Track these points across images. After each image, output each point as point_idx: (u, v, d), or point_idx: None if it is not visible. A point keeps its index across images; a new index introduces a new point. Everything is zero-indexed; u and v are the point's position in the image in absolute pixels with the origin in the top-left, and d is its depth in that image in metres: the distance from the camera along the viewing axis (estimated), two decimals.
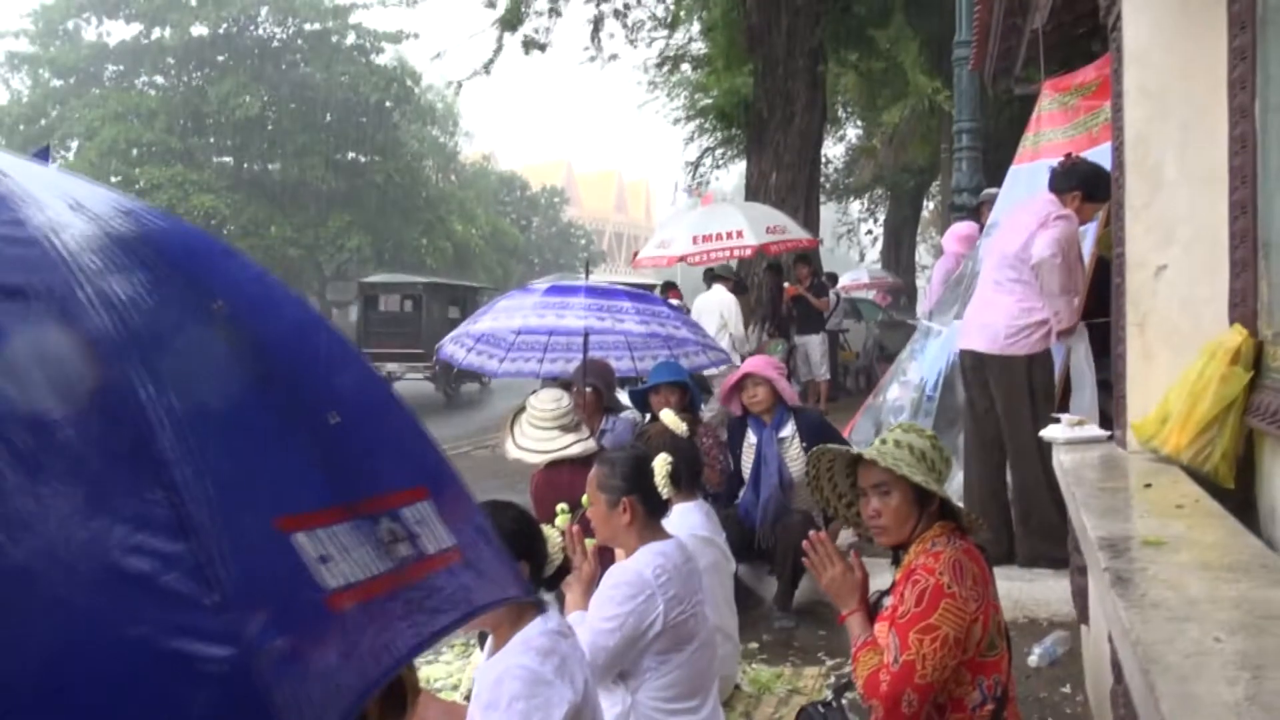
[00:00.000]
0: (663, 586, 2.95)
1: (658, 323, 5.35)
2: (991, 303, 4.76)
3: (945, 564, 2.41)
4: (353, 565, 0.86)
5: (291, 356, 0.95)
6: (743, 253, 12.03)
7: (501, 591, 1.10)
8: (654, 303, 5.57)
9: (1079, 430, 3.62)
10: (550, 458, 4.28)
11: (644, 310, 5.33)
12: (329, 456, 0.90)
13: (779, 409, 4.95)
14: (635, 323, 5.23)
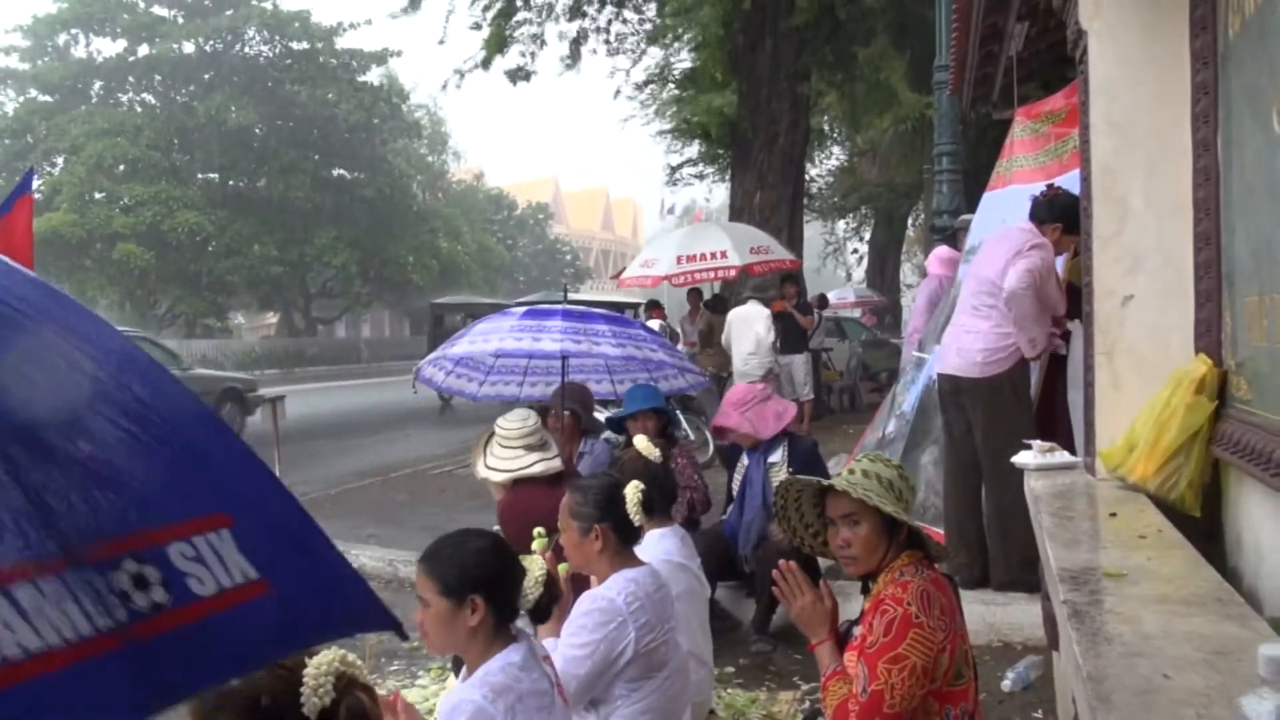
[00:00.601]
0: (634, 614, 2.97)
1: (634, 345, 5.35)
2: (968, 328, 4.80)
3: (913, 594, 2.43)
4: (46, 628, 0.76)
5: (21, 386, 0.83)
6: (727, 273, 12.08)
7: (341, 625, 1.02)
8: (630, 325, 5.58)
9: (1050, 456, 3.65)
10: (513, 476, 4.31)
11: (620, 334, 5.32)
12: (51, 497, 0.80)
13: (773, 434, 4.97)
14: (611, 346, 5.22)
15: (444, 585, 2.33)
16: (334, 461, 12.19)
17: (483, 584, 2.32)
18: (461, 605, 2.31)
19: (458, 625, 2.32)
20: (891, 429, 6.69)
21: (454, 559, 2.35)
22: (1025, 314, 4.49)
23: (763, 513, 4.88)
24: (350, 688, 1.56)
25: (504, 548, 2.40)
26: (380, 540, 7.14)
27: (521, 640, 2.39)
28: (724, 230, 12.79)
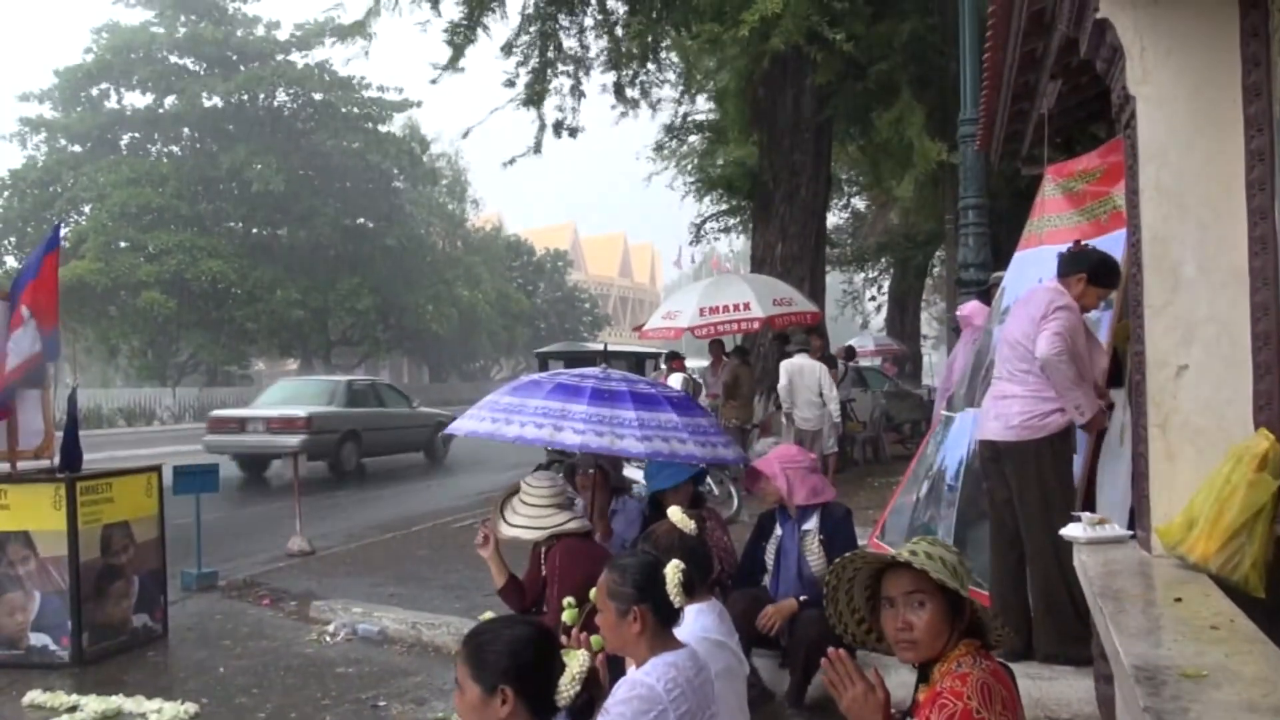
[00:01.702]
0: (675, 701, 2.85)
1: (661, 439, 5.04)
2: (1006, 393, 4.71)
3: (973, 687, 2.32)
4: None
5: None
6: (750, 325, 12.03)
7: None
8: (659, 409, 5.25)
9: (1100, 530, 3.53)
10: (549, 533, 4.32)
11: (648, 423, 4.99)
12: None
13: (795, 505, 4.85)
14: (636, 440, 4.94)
15: (476, 672, 2.25)
16: (354, 513, 12.11)
17: (514, 675, 2.23)
18: (492, 695, 2.22)
19: (487, 715, 2.23)
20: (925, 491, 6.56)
21: (489, 646, 2.27)
22: (1063, 380, 4.40)
23: (797, 583, 4.76)
24: None
25: (545, 640, 2.31)
26: (402, 600, 7.03)
27: None
28: (746, 282, 12.76)
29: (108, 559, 6.12)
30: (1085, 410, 4.45)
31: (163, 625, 6.52)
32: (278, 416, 15.45)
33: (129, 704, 5.08)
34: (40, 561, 5.90)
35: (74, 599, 5.85)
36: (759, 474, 4.98)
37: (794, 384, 11.16)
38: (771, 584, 4.86)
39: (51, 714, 5.01)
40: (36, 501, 5.93)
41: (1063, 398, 4.45)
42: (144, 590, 6.38)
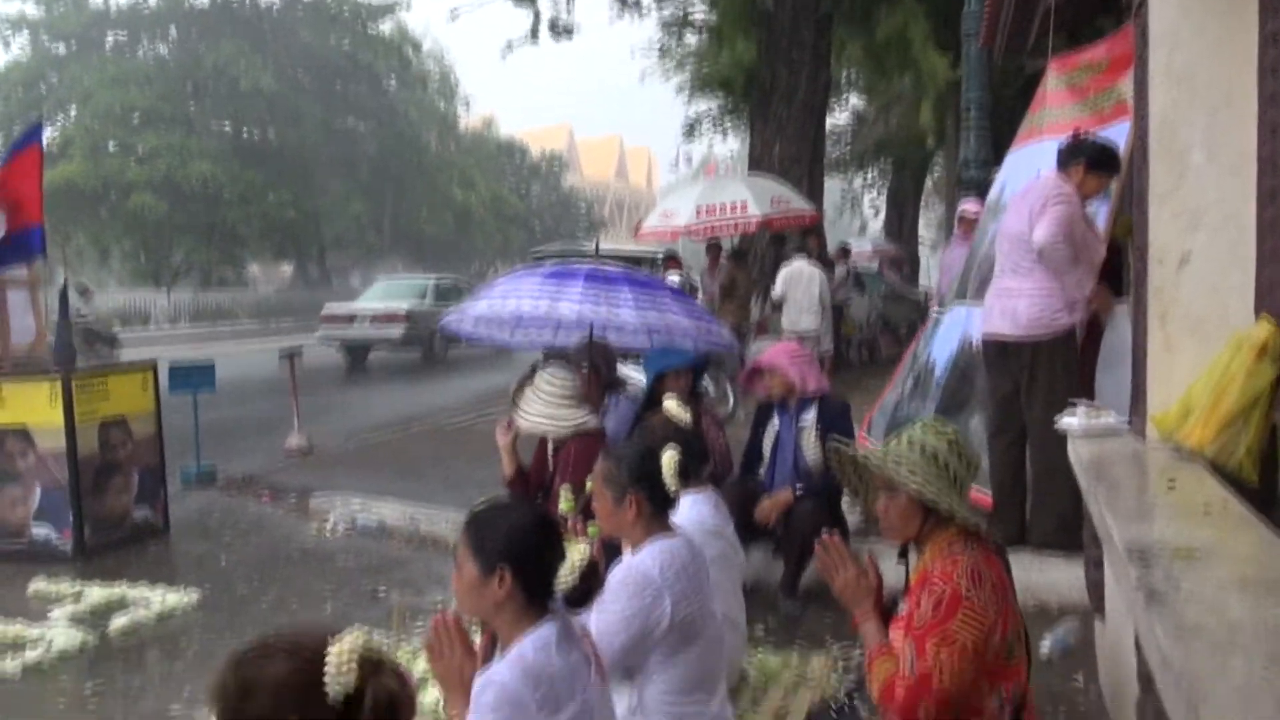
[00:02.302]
0: (670, 584, 2.88)
1: (655, 312, 5.17)
2: (1010, 289, 4.69)
3: (963, 571, 2.34)
4: None
5: None
6: (747, 225, 11.92)
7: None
8: (656, 290, 5.39)
9: (1096, 420, 3.53)
10: (572, 429, 4.33)
11: (641, 299, 5.13)
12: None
13: (802, 396, 4.86)
14: (631, 312, 5.06)
15: (476, 551, 2.26)
16: (352, 414, 12.16)
17: (513, 557, 2.24)
18: (490, 575, 2.24)
19: (485, 594, 2.25)
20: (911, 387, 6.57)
21: (491, 527, 2.28)
22: (1062, 262, 4.40)
23: (793, 474, 4.80)
24: (376, 672, 1.48)
25: (547, 527, 2.31)
26: (400, 495, 7.09)
27: (557, 617, 2.30)
28: (744, 182, 12.61)
29: (106, 454, 6.15)
30: (1085, 284, 4.45)
31: (163, 519, 6.58)
32: (382, 311, 17.61)
33: (132, 592, 5.16)
34: (39, 456, 5.93)
35: (74, 492, 5.89)
36: (759, 373, 4.97)
37: (789, 293, 11.10)
38: (767, 475, 4.89)
39: (56, 602, 5.09)
40: (33, 397, 5.93)
41: (1063, 279, 4.44)
42: (143, 485, 6.42)
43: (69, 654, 4.40)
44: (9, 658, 4.29)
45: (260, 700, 1.44)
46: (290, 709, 1.43)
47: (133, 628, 4.72)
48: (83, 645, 4.49)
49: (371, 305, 18.33)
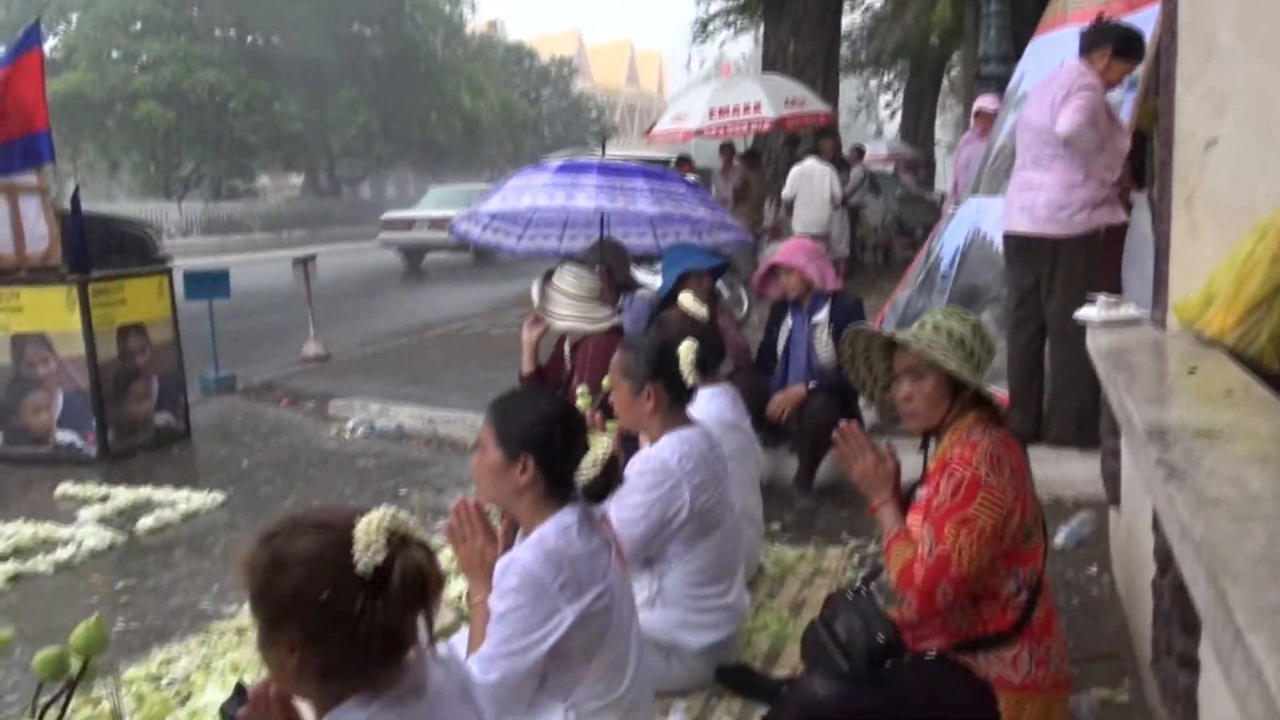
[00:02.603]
0: (689, 474, 2.91)
1: (672, 202, 5.19)
2: (1031, 183, 4.61)
3: (982, 455, 2.34)
4: None
5: None
6: (760, 126, 11.74)
7: None
8: (670, 180, 5.39)
9: (1116, 311, 3.50)
10: (602, 326, 4.39)
11: (658, 190, 5.17)
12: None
13: (815, 294, 4.84)
14: (648, 203, 5.09)
15: (501, 436, 2.27)
16: (367, 321, 12.20)
17: (537, 446, 2.25)
18: (513, 461, 2.25)
19: (506, 480, 2.27)
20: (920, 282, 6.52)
21: (518, 414, 2.28)
22: (1089, 147, 4.31)
23: (806, 373, 4.80)
24: (404, 546, 1.50)
25: (573, 421, 2.31)
26: (418, 398, 7.14)
27: (577, 503, 2.32)
28: (758, 82, 12.38)
29: (125, 360, 6.20)
30: (1115, 168, 4.38)
31: (184, 424, 6.66)
32: (438, 217, 17.62)
33: (157, 494, 5.24)
34: (59, 362, 5.98)
35: (95, 397, 5.95)
36: (774, 273, 4.93)
37: (799, 192, 10.96)
38: (780, 374, 4.89)
39: (83, 504, 5.18)
40: (50, 303, 5.96)
41: (1087, 168, 4.37)
42: (164, 390, 6.48)
43: (98, 552, 4.50)
44: (41, 556, 4.39)
45: (291, 574, 1.46)
46: (320, 582, 1.45)
47: (159, 527, 4.82)
48: (111, 544, 4.58)
49: (428, 212, 19.19)
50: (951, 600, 2.34)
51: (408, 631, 1.52)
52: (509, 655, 2.15)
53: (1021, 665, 2.40)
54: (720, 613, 2.99)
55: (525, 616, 2.15)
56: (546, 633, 2.16)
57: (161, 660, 3.38)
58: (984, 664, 2.41)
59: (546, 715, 2.24)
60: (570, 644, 2.19)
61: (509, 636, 2.16)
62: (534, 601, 2.15)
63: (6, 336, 6.01)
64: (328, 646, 1.46)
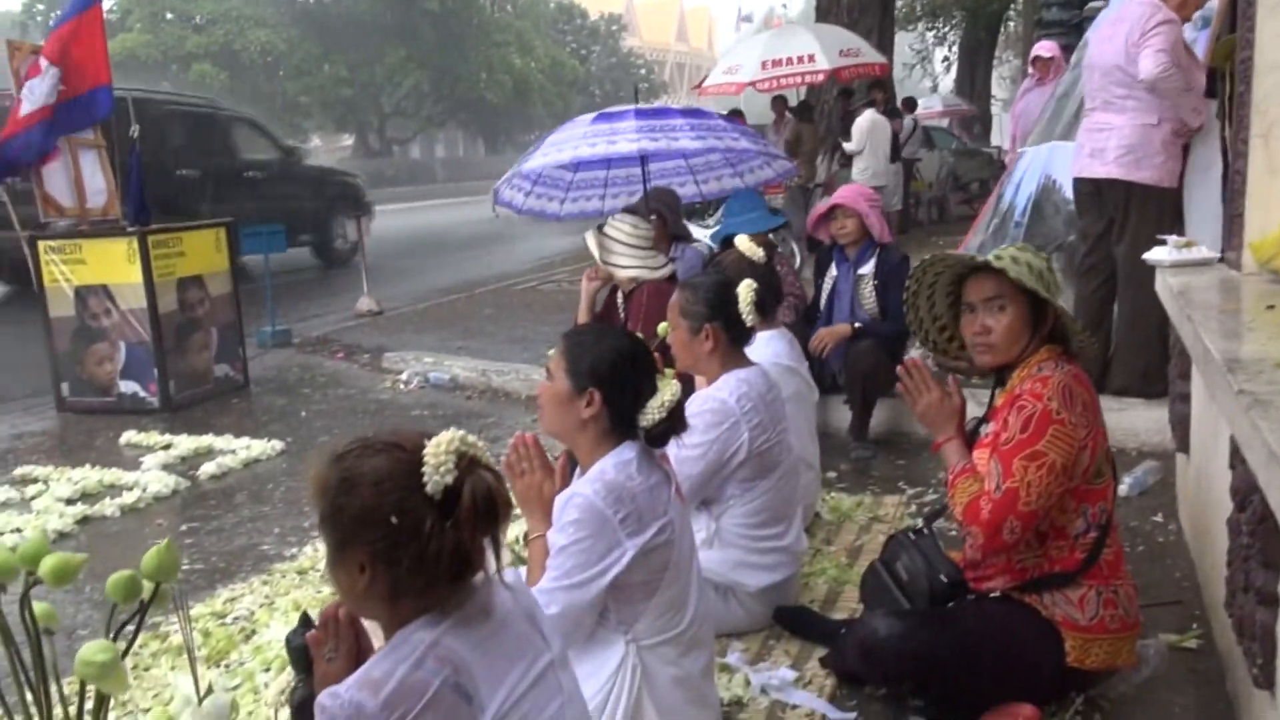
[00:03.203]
0: (747, 414, 2.88)
1: (714, 137, 5.10)
2: (1102, 124, 4.49)
3: (1054, 389, 2.29)
4: None
5: None
6: (814, 78, 11.56)
7: None
8: (707, 117, 5.31)
9: (1187, 252, 3.40)
10: (661, 274, 4.39)
11: (698, 125, 5.08)
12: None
13: (865, 244, 4.76)
14: (690, 139, 5.01)
15: (571, 367, 2.26)
16: (419, 278, 12.26)
17: (605, 381, 2.23)
18: (580, 393, 2.24)
19: (571, 411, 2.25)
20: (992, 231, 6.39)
21: (590, 347, 2.26)
22: (1174, 91, 4.17)
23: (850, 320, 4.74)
24: (473, 467, 1.49)
25: (645, 360, 2.28)
26: (470, 352, 7.17)
27: (637, 440, 2.31)
28: (811, 32, 12.16)
29: (185, 312, 6.29)
30: (1201, 111, 4.25)
31: (243, 376, 6.75)
32: None
33: (219, 442, 5.33)
34: (121, 313, 6.07)
35: (157, 348, 6.05)
36: (830, 215, 4.85)
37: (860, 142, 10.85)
38: (823, 323, 4.83)
39: (147, 451, 5.28)
40: (111, 255, 6.04)
41: (1176, 107, 4.24)
42: (223, 342, 6.57)
43: (163, 497, 4.59)
44: (107, 500, 4.48)
45: (361, 492, 1.46)
46: (390, 501, 1.45)
47: (221, 474, 4.89)
48: (175, 489, 4.66)
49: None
50: (1019, 536, 2.30)
51: (476, 554, 1.52)
52: (569, 588, 2.15)
53: (1089, 606, 2.36)
54: (778, 554, 2.97)
55: (586, 549, 2.15)
56: (607, 566, 2.15)
57: (226, 599, 3.45)
58: (1050, 604, 2.38)
59: (607, 648, 2.24)
60: (631, 578, 2.19)
61: (569, 570, 2.15)
62: (595, 534, 2.14)
63: (70, 288, 6.11)
64: (397, 566, 1.46)
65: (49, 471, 4.94)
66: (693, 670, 2.34)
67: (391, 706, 1.39)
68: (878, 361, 4.51)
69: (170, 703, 2.61)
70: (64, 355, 6.21)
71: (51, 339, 6.20)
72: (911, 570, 2.58)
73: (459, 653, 1.47)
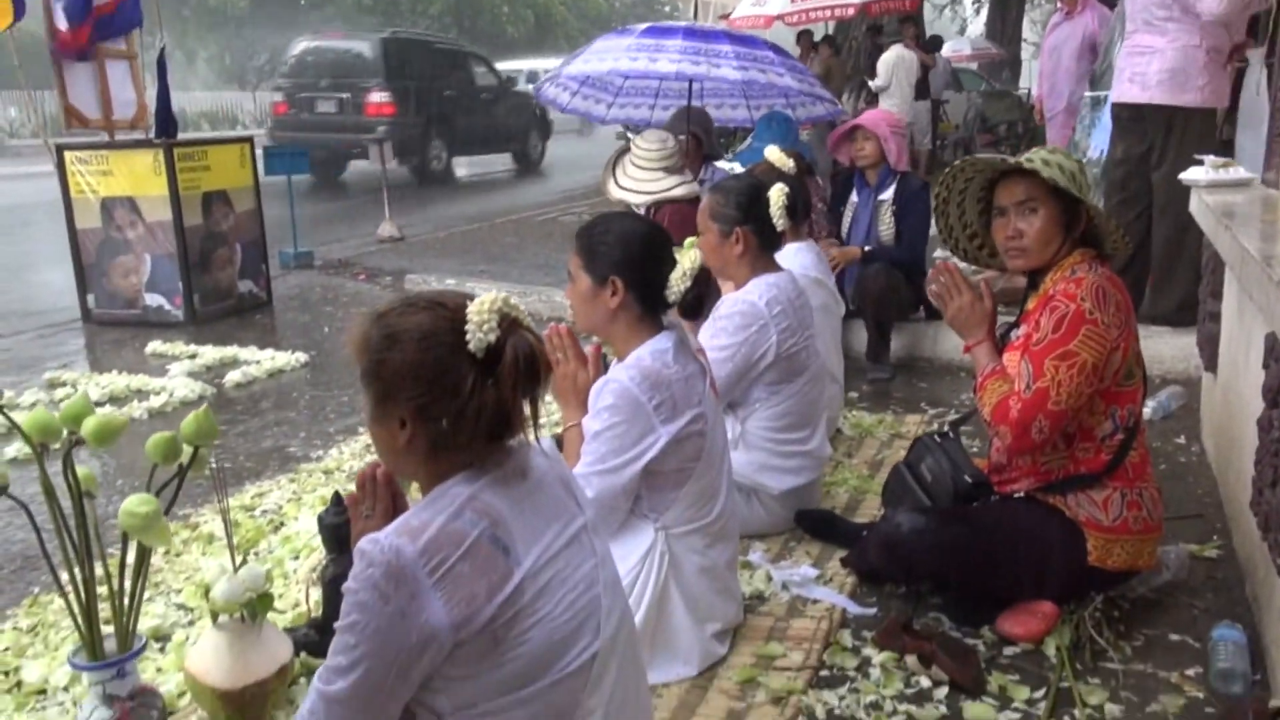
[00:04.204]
0: (776, 318, 2.89)
1: (758, 69, 5.06)
2: (1143, 47, 4.42)
3: (1087, 290, 2.28)
4: None
5: None
6: (844, 12, 11.39)
7: None
8: (757, 47, 5.25)
9: (1224, 172, 3.37)
10: (655, 199, 4.24)
11: (744, 55, 5.04)
12: None
13: (884, 170, 4.73)
14: (733, 68, 4.96)
15: (588, 261, 2.27)
16: (439, 207, 12.23)
17: (625, 266, 2.24)
18: (602, 285, 2.25)
19: (599, 304, 2.27)
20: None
21: (602, 237, 2.27)
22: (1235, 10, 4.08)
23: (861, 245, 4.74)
24: (514, 327, 1.50)
25: (656, 236, 2.29)
26: (493, 275, 7.18)
27: (672, 330, 2.32)
28: None
29: (210, 226, 6.30)
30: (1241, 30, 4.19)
31: (266, 293, 6.79)
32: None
33: (244, 353, 5.37)
34: (147, 226, 6.09)
35: (182, 261, 6.08)
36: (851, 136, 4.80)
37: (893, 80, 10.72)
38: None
39: (173, 359, 5.33)
40: (137, 167, 6.05)
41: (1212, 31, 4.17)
42: (246, 258, 6.59)
43: (189, 401, 4.63)
44: (135, 403, 4.53)
45: (404, 348, 1.47)
46: (433, 357, 1.46)
47: (246, 382, 4.94)
48: (201, 395, 4.71)
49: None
50: (1047, 436, 2.30)
51: (515, 414, 1.53)
52: (604, 473, 2.17)
53: (1112, 507, 2.37)
54: (802, 458, 2.99)
55: (621, 435, 2.17)
56: (641, 451, 2.17)
57: (254, 494, 3.50)
58: (1074, 505, 2.40)
59: (637, 535, 2.28)
60: (664, 465, 2.21)
61: (604, 455, 2.18)
62: (630, 420, 2.16)
63: (96, 199, 6.13)
64: (437, 422, 1.47)
65: (77, 376, 5.00)
66: (718, 561, 2.37)
67: (430, 552, 1.40)
68: (889, 285, 4.52)
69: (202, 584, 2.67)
70: (90, 267, 6.25)
71: (78, 250, 6.24)
72: (936, 471, 2.60)
73: (497, 507, 1.49)
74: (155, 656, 2.42)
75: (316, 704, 1.43)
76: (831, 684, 2.27)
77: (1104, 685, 2.21)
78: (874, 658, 2.35)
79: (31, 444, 1.89)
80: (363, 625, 1.37)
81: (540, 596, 1.47)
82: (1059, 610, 2.41)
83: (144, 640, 2.00)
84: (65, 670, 2.34)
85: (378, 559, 1.40)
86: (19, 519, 3.41)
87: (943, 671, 2.24)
